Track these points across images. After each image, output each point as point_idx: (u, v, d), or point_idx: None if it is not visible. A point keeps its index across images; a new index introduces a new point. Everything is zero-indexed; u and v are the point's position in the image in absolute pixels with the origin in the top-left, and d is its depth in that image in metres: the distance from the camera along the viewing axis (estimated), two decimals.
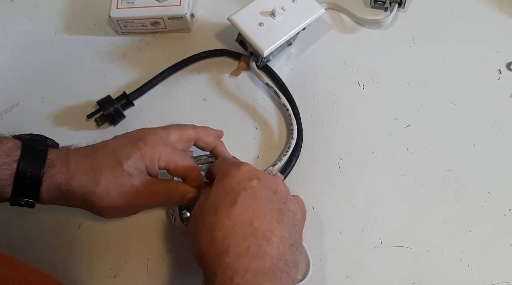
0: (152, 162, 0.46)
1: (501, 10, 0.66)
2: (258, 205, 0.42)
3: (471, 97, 0.60)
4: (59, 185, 0.45)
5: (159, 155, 0.47)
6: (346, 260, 0.52)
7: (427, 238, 0.53)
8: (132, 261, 0.53)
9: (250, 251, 0.39)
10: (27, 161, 0.44)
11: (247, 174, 0.44)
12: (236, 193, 0.42)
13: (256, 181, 0.43)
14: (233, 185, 0.43)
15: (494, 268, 0.51)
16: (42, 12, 0.70)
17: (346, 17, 0.67)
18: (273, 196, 0.43)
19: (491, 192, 0.55)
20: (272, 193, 0.43)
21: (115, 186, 0.45)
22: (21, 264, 0.40)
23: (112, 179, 0.45)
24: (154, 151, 0.46)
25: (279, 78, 0.62)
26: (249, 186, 0.43)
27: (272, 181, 0.44)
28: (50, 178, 0.44)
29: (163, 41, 0.66)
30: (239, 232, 0.40)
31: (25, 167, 0.44)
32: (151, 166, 0.47)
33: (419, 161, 0.57)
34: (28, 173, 0.44)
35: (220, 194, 0.43)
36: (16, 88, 0.64)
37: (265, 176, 0.45)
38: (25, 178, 0.44)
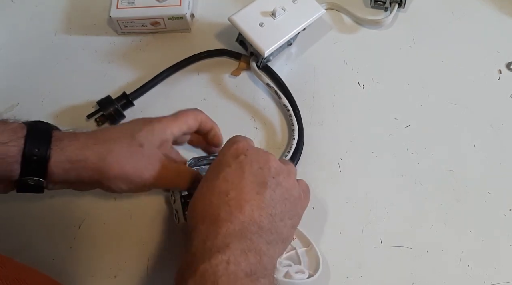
0: (163, 133, 0.49)
1: (501, 10, 0.66)
2: (239, 177, 0.44)
3: (471, 97, 0.60)
4: (69, 156, 0.45)
5: (167, 124, 0.50)
6: (346, 260, 0.52)
7: (427, 238, 0.53)
8: (132, 261, 0.53)
9: (221, 217, 0.42)
10: (34, 137, 0.45)
11: (235, 151, 0.46)
12: (221, 168, 0.45)
13: (242, 157, 0.45)
14: (221, 162, 0.46)
15: (494, 268, 0.51)
16: (42, 12, 0.70)
17: (346, 17, 0.67)
18: (259, 170, 0.45)
19: (491, 192, 0.55)
20: (259, 167, 0.45)
21: (127, 154, 0.47)
22: (13, 263, 0.40)
23: (124, 148, 0.47)
24: (160, 123, 0.49)
25: (280, 78, 0.62)
26: (234, 162, 0.45)
27: (261, 157, 0.46)
28: (59, 152, 0.45)
29: (163, 41, 0.66)
30: (215, 202, 0.43)
31: (32, 142, 0.44)
32: (163, 138, 0.49)
33: (419, 161, 0.57)
34: (35, 148, 0.44)
35: (210, 171, 0.46)
36: (16, 88, 0.64)
37: (255, 152, 0.46)
38: (32, 153, 0.44)
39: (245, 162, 0.45)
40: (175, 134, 0.50)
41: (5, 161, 0.44)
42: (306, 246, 0.51)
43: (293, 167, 0.49)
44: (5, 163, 0.44)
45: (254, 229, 0.42)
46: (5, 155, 0.43)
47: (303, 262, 0.50)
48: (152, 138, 0.48)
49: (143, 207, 0.55)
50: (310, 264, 0.50)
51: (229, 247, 0.40)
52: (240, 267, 0.39)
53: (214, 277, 0.38)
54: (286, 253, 0.50)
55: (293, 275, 0.47)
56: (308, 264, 0.50)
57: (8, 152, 0.44)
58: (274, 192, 0.44)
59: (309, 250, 0.51)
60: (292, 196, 0.46)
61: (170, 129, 0.50)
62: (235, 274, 0.39)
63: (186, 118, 0.51)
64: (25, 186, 0.45)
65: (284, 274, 0.47)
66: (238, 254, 0.40)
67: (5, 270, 0.38)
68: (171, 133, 0.50)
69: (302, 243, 0.52)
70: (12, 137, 0.44)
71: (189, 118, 0.52)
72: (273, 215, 0.44)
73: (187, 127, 0.51)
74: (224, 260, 0.39)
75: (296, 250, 0.51)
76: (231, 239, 0.41)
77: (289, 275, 0.47)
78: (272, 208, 0.44)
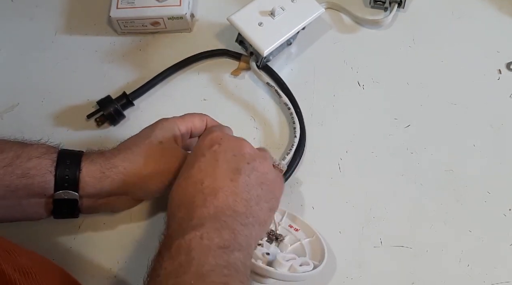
0: (174, 131, 0.50)
1: (501, 10, 0.66)
2: (213, 166, 0.45)
3: (471, 97, 0.60)
4: (100, 166, 0.48)
5: (175, 121, 0.51)
6: (346, 260, 0.52)
7: (427, 238, 0.53)
8: (132, 261, 0.53)
9: (196, 204, 0.43)
10: (66, 153, 0.48)
11: (209, 142, 0.48)
12: (196, 159, 0.46)
13: (216, 146, 0.47)
14: (196, 153, 0.47)
15: (494, 268, 0.51)
16: (42, 12, 0.70)
17: (346, 17, 0.67)
18: (233, 157, 0.46)
19: (491, 192, 0.55)
20: (233, 155, 0.47)
21: (152, 153, 0.49)
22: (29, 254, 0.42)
23: (148, 148, 0.49)
24: (168, 121, 0.51)
25: (280, 78, 0.62)
26: (208, 152, 0.47)
27: (235, 145, 0.48)
28: (90, 162, 0.48)
29: (163, 41, 0.66)
30: (190, 190, 0.44)
31: (64, 156, 0.47)
32: (176, 136, 0.51)
33: (419, 161, 0.57)
34: (67, 160, 0.47)
35: (186, 162, 0.48)
36: (16, 88, 0.64)
37: (229, 140, 0.48)
38: (65, 164, 0.47)
39: (219, 151, 0.47)
40: (182, 131, 0.51)
41: (40, 172, 0.46)
42: (310, 237, 0.51)
43: (268, 153, 0.50)
44: (39, 174, 0.46)
45: (229, 213, 0.43)
46: (40, 166, 0.46)
47: (308, 253, 0.50)
48: (166, 134, 0.50)
49: (143, 207, 0.55)
50: (315, 254, 0.50)
51: (203, 226, 0.41)
52: (213, 241, 0.40)
53: (187, 249, 0.40)
54: (291, 245, 0.51)
55: (298, 268, 0.46)
56: (313, 254, 0.50)
57: (42, 164, 0.46)
58: (248, 177, 0.46)
59: (313, 240, 0.51)
60: (267, 180, 0.47)
61: (177, 125, 0.51)
62: (208, 246, 0.40)
63: (193, 118, 0.53)
64: (60, 203, 0.47)
65: (288, 268, 0.46)
66: (212, 231, 0.41)
67: (19, 260, 0.39)
68: (178, 129, 0.51)
69: (306, 234, 0.52)
70: (46, 152, 0.47)
71: (195, 118, 0.53)
72: (248, 199, 0.45)
73: (193, 125, 0.52)
74: (197, 235, 0.40)
75: (301, 241, 0.51)
76: (206, 220, 0.42)
77: (293, 268, 0.46)
78: (246, 193, 0.45)
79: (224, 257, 0.40)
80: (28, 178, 0.45)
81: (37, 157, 0.46)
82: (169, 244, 0.41)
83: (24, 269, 0.38)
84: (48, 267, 0.43)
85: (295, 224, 0.52)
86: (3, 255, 0.37)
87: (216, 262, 0.39)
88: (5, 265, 0.36)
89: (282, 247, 0.50)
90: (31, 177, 0.45)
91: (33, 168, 0.46)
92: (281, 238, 0.51)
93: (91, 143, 0.59)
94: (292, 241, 0.51)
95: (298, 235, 0.51)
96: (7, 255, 0.38)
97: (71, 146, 0.56)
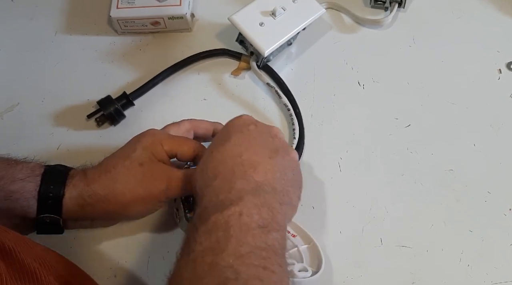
0: (156, 149, 0.48)
1: (501, 10, 0.66)
2: (251, 142, 0.45)
3: (471, 97, 0.60)
4: (81, 192, 0.46)
5: (161, 141, 0.49)
6: (346, 260, 0.52)
7: (427, 238, 0.53)
8: (132, 261, 0.53)
9: (235, 175, 0.42)
10: (51, 175, 0.46)
11: (246, 121, 0.47)
12: (231, 134, 0.46)
13: (253, 126, 0.47)
14: (230, 129, 0.47)
15: (494, 268, 0.51)
16: (42, 12, 0.70)
17: (346, 17, 0.67)
18: (270, 138, 0.46)
19: (491, 192, 0.55)
20: (269, 136, 0.47)
21: (132, 177, 0.47)
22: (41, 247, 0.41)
23: (127, 172, 0.47)
24: (154, 139, 0.49)
25: (280, 78, 0.62)
26: (246, 129, 0.46)
27: (271, 129, 0.48)
28: (72, 188, 0.46)
29: (163, 41, 0.66)
30: (228, 162, 0.43)
31: (49, 180, 0.46)
32: (158, 153, 0.48)
33: (419, 161, 0.57)
34: (51, 186, 0.46)
35: (219, 137, 0.47)
36: (16, 88, 0.64)
37: (265, 124, 0.48)
38: (48, 190, 0.45)
39: (255, 130, 0.46)
40: (165, 149, 0.49)
41: (23, 196, 0.45)
42: (307, 243, 0.51)
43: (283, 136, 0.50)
44: (22, 198, 0.45)
45: (268, 189, 0.42)
46: (23, 190, 0.45)
47: (305, 259, 0.50)
48: (148, 154, 0.48)
49: None
50: (312, 261, 0.50)
51: (242, 200, 0.40)
52: (252, 219, 0.39)
53: (226, 225, 0.38)
54: (288, 251, 0.51)
55: (297, 273, 0.47)
56: (311, 261, 0.50)
57: (25, 187, 0.45)
58: (283, 159, 0.45)
59: (310, 247, 0.51)
60: (297, 167, 0.47)
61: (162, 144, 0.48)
62: (247, 224, 0.39)
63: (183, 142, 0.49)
64: (43, 224, 0.46)
65: None
66: (251, 207, 0.40)
67: (35, 250, 0.39)
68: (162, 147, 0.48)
69: (303, 240, 0.52)
70: (30, 174, 0.46)
71: (185, 144, 0.49)
72: (285, 180, 0.45)
73: (180, 150, 0.49)
74: (236, 211, 0.39)
75: (298, 247, 0.51)
76: (245, 194, 0.41)
77: (292, 273, 0.46)
78: (284, 174, 0.45)
79: (262, 238, 0.39)
80: (10, 201, 0.44)
81: (21, 179, 0.45)
82: (205, 217, 0.39)
83: (41, 259, 0.38)
84: (58, 259, 0.43)
85: (292, 229, 0.52)
86: (21, 244, 0.37)
87: (255, 243, 0.38)
88: (24, 254, 0.36)
89: None
90: (14, 201, 0.44)
91: (16, 191, 0.44)
92: None
93: (91, 143, 0.59)
94: (289, 247, 0.51)
95: (295, 241, 0.51)
96: (25, 245, 0.38)
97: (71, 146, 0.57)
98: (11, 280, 0.33)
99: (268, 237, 0.39)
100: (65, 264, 0.43)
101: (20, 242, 0.38)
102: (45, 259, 0.39)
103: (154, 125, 0.52)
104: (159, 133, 0.50)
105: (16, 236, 0.38)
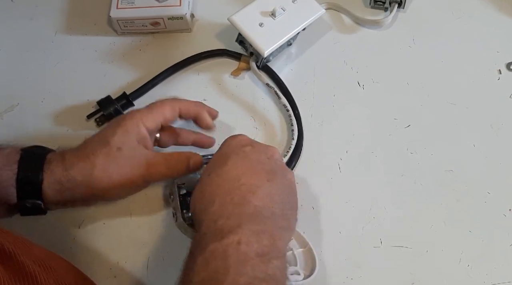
0: (138, 130, 0.48)
1: (501, 11, 0.66)
2: (248, 165, 0.44)
3: (471, 97, 0.60)
4: (59, 178, 0.46)
5: (141, 118, 0.48)
6: (346, 260, 0.52)
7: (427, 238, 0.53)
8: (132, 261, 0.53)
9: (234, 201, 0.42)
10: (28, 162, 0.46)
11: (242, 142, 0.47)
12: (228, 156, 0.45)
13: (249, 148, 0.46)
14: (227, 151, 0.46)
15: (494, 268, 0.51)
16: (42, 12, 0.70)
17: (346, 17, 0.67)
18: (267, 159, 0.46)
19: (491, 192, 0.55)
20: (266, 157, 0.46)
21: (110, 163, 0.46)
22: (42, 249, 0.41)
23: (105, 158, 0.46)
24: (134, 121, 0.48)
25: (279, 78, 0.62)
26: (241, 151, 0.46)
27: (268, 149, 0.47)
28: (50, 174, 0.46)
29: (163, 41, 0.66)
30: (225, 187, 0.43)
31: (26, 167, 0.45)
32: (139, 134, 0.48)
33: (419, 161, 0.57)
34: (28, 172, 0.45)
35: (215, 160, 0.46)
36: (16, 88, 0.64)
37: (261, 144, 0.47)
38: (26, 177, 0.45)
39: (252, 152, 0.46)
40: (150, 128, 0.49)
41: (1, 185, 0.44)
42: (303, 247, 0.51)
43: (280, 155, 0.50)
44: (0, 187, 0.44)
45: (267, 214, 0.42)
46: (0, 179, 0.44)
47: (299, 263, 0.50)
48: (128, 138, 0.47)
49: (143, 207, 0.55)
50: (306, 265, 0.50)
51: (241, 227, 0.39)
52: (251, 248, 0.39)
53: (224, 255, 0.38)
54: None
55: (289, 277, 0.47)
56: (304, 265, 0.50)
57: (2, 176, 0.44)
58: (281, 182, 0.45)
59: (306, 251, 0.51)
60: (293, 190, 0.47)
61: (144, 123, 0.48)
62: (246, 254, 0.38)
63: (162, 109, 0.50)
64: (25, 209, 0.46)
65: None
66: (250, 235, 0.39)
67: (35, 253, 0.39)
68: (145, 127, 0.48)
69: (299, 244, 0.52)
70: (6, 162, 0.45)
71: (165, 109, 0.50)
72: (284, 203, 0.44)
73: (163, 118, 0.49)
74: (235, 240, 0.39)
75: (293, 251, 0.51)
76: (244, 221, 0.40)
77: None
78: (282, 197, 0.44)
79: (262, 268, 0.38)
80: None
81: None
82: (204, 245, 0.39)
83: (41, 261, 0.38)
84: (58, 261, 0.43)
85: None
86: (21, 247, 0.37)
87: (254, 273, 0.37)
88: (24, 257, 0.36)
89: None
90: None
91: None
92: None
93: None
94: None
95: (290, 244, 0.51)
96: (25, 247, 0.38)
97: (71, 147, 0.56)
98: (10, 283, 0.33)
99: (268, 266, 0.38)
100: (66, 266, 0.43)
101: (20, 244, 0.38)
102: (45, 261, 0.39)
103: None
104: (138, 111, 0.49)
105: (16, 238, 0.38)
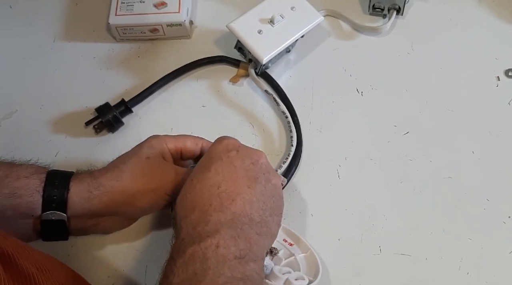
0: (162, 147, 0.50)
1: (499, 17, 0.66)
2: (230, 171, 0.45)
3: (469, 104, 0.60)
4: (87, 185, 0.47)
5: (164, 140, 0.50)
6: (345, 267, 0.52)
7: (426, 245, 0.52)
8: (130, 269, 0.52)
9: (212, 207, 0.42)
10: (55, 174, 0.47)
11: (228, 146, 0.47)
12: (212, 162, 0.45)
13: (234, 152, 0.46)
14: (211, 156, 0.46)
15: (493, 276, 0.51)
16: (40, 19, 0.70)
17: (345, 24, 0.67)
18: (251, 165, 0.46)
19: (490, 199, 0.55)
20: (251, 163, 0.46)
21: (140, 169, 0.48)
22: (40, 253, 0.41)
23: (135, 165, 0.48)
24: (158, 139, 0.50)
25: (278, 85, 0.62)
26: (225, 156, 0.46)
27: (253, 154, 0.47)
28: (78, 182, 0.47)
29: (162, 48, 0.66)
30: (206, 193, 0.43)
31: (53, 177, 0.47)
32: (163, 151, 0.50)
33: (418, 168, 0.57)
34: (56, 181, 0.46)
35: (200, 164, 0.47)
36: (15, 95, 0.64)
37: (247, 149, 0.47)
38: (53, 183, 0.46)
39: (236, 157, 0.46)
40: (170, 149, 0.50)
41: (27, 192, 0.45)
42: (305, 252, 0.51)
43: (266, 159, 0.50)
44: (27, 194, 0.45)
45: (245, 221, 0.43)
46: (28, 186, 0.45)
47: (302, 268, 0.50)
48: (154, 151, 0.49)
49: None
50: (309, 270, 0.50)
51: (219, 233, 0.40)
52: (229, 251, 0.40)
53: (203, 257, 0.39)
54: (285, 259, 0.50)
55: (293, 282, 0.47)
56: (307, 270, 0.50)
57: (30, 184, 0.45)
58: (264, 188, 0.45)
59: (308, 256, 0.51)
60: (278, 194, 0.47)
61: (165, 142, 0.50)
62: (224, 256, 0.39)
63: (185, 138, 0.52)
64: (48, 224, 0.46)
65: (284, 281, 0.46)
66: (228, 238, 0.40)
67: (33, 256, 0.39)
68: (167, 146, 0.50)
69: (300, 249, 0.51)
70: (35, 172, 0.46)
71: (188, 138, 0.52)
72: (264, 209, 0.44)
73: (184, 145, 0.51)
74: (213, 243, 0.40)
75: (295, 256, 0.51)
76: (221, 226, 0.41)
77: (289, 282, 0.46)
78: (262, 203, 0.44)
79: (239, 269, 0.39)
80: (15, 198, 0.44)
81: (26, 177, 0.45)
82: (183, 249, 0.40)
83: (39, 264, 0.38)
84: (56, 264, 0.43)
85: (290, 238, 0.52)
86: (19, 250, 0.37)
87: (232, 274, 0.38)
88: (22, 259, 0.36)
89: (276, 260, 0.50)
90: (19, 197, 0.45)
91: (21, 187, 0.45)
92: (275, 252, 0.50)
93: (89, 151, 0.59)
94: (287, 255, 0.51)
95: (292, 250, 0.51)
96: (23, 250, 0.38)
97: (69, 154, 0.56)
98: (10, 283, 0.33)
99: (245, 268, 0.40)
100: (64, 270, 0.43)
101: (19, 248, 0.38)
102: (44, 265, 0.39)
103: (153, 132, 0.52)
104: (161, 135, 0.51)
105: (15, 241, 0.38)
